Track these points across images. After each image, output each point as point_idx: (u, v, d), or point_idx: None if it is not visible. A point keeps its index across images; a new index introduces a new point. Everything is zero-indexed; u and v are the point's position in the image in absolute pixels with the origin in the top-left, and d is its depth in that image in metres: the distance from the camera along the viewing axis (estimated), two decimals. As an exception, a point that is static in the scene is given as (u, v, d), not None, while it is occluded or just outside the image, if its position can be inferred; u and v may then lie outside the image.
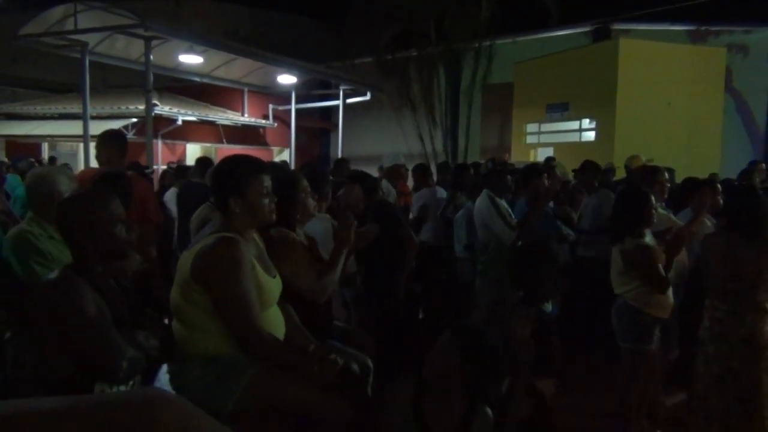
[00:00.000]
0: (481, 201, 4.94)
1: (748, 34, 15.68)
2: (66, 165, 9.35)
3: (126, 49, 11.89)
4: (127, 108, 14.36)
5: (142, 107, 12.09)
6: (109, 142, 4.43)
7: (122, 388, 2.19)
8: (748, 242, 3.50)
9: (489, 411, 2.43)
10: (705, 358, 3.64)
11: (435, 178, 7.99)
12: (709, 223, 4.72)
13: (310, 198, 3.20)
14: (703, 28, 15.73)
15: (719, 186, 5.16)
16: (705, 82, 13.09)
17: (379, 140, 18.71)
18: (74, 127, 12.83)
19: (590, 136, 13.76)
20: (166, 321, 2.88)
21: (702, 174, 7.72)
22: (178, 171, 8.85)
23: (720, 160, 12.75)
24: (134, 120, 14.31)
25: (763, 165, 8.33)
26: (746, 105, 15.89)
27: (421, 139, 17.54)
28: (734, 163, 10.44)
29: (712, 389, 3.59)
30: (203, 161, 6.97)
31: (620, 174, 8.31)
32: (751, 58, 15.44)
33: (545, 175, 5.37)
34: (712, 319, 3.62)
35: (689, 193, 5.05)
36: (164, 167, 12.42)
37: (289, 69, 14.67)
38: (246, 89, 17.93)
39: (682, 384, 4.22)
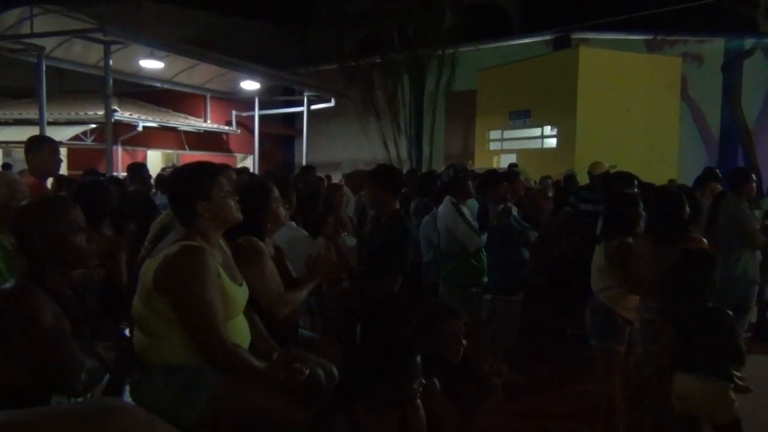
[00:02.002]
0: (445, 207, 4.95)
1: (701, 44, 16.15)
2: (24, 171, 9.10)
3: (84, 53, 11.67)
4: (86, 114, 14.05)
5: (101, 113, 11.88)
6: (38, 147, 4.21)
7: (80, 400, 2.13)
8: (671, 245, 3.60)
9: (420, 406, 2.47)
10: (636, 359, 3.71)
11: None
12: None
13: (282, 207, 3.17)
14: (659, 37, 16.14)
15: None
16: (662, 90, 13.44)
17: (344, 147, 18.71)
18: (30, 133, 12.45)
19: (552, 142, 13.99)
20: (127, 332, 2.82)
21: (660, 180, 7.90)
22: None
23: (677, 166, 13.08)
24: (93, 126, 14.02)
25: (718, 171, 8.58)
26: (701, 113, 16.35)
27: (386, 146, 17.59)
28: (690, 168, 10.74)
29: (644, 389, 3.66)
30: (134, 168, 6.85)
31: (582, 180, 8.44)
32: (705, 67, 15.90)
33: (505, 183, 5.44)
34: (643, 321, 3.69)
35: (646, 197, 5.20)
36: (124, 174, 12.19)
37: (252, 75, 14.58)
38: (208, 95, 17.75)
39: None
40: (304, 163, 14.48)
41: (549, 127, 14.05)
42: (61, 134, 13.38)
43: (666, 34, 16.12)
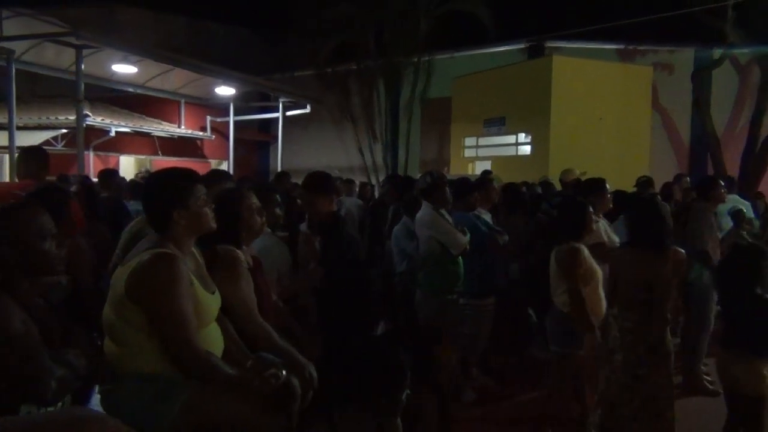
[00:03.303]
0: (425, 213, 4.95)
1: (672, 53, 16.46)
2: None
3: (56, 57, 11.52)
4: (57, 118, 13.84)
5: (72, 117, 11.71)
6: (31, 159, 4.39)
7: (50, 409, 2.09)
8: (655, 255, 3.66)
9: (399, 423, 2.46)
10: (612, 367, 3.77)
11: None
12: (602, 225, 4.88)
13: (257, 215, 3.13)
14: (630, 47, 16.41)
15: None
16: (633, 99, 13.63)
17: (320, 153, 18.68)
18: (-1, 138, 12.30)
19: (526, 150, 14.10)
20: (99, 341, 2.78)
21: (632, 187, 8.03)
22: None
23: (648, 173, 13.24)
24: (64, 131, 13.81)
25: (688, 179, 8.75)
26: (671, 121, 16.64)
27: (362, 153, 17.60)
28: (661, 177, 10.90)
29: (620, 396, 3.72)
30: (106, 173, 6.78)
31: (556, 187, 8.53)
32: (675, 76, 16.19)
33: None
34: (622, 329, 3.75)
35: (619, 204, 5.28)
36: (96, 179, 12.01)
37: (227, 80, 14.50)
38: (183, 100, 17.60)
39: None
40: (279, 169, 14.42)
41: (523, 134, 14.16)
42: (31, 139, 13.14)
43: (637, 44, 16.40)
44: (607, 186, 5.10)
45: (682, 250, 3.78)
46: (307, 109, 17.06)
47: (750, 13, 13.71)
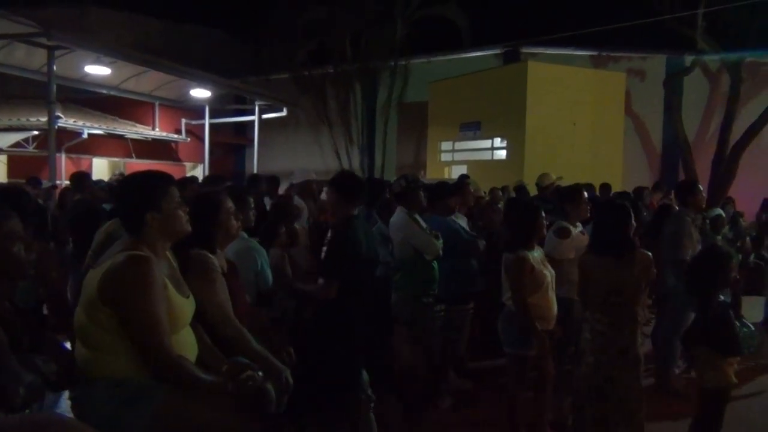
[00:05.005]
0: (399, 218, 4.94)
1: (644, 60, 16.73)
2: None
3: (27, 58, 11.35)
4: (28, 120, 13.61)
5: (44, 119, 11.53)
6: None
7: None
8: (622, 259, 3.71)
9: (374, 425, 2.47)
10: (586, 369, 3.82)
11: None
12: (579, 230, 4.92)
13: (234, 219, 3.10)
14: (604, 53, 16.65)
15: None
16: (607, 104, 13.84)
17: (296, 156, 18.62)
18: (-32, 140, 12.07)
19: (501, 154, 14.22)
20: (68, 345, 2.73)
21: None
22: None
23: (621, 178, 13.45)
24: (35, 132, 13.58)
25: (662, 195, 8.85)
26: (644, 126, 16.91)
27: (338, 156, 17.58)
28: (634, 181, 11.07)
29: (594, 398, 3.76)
30: (79, 176, 6.72)
31: (531, 191, 8.58)
32: (647, 82, 16.45)
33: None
34: (594, 332, 3.79)
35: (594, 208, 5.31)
36: (67, 182, 11.83)
37: (203, 83, 14.42)
38: (157, 102, 17.42)
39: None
40: (255, 171, 14.34)
41: (499, 139, 14.28)
42: (0, 141, 12.94)
43: (611, 51, 16.64)
44: (585, 194, 5.09)
45: (649, 253, 3.83)
46: (284, 113, 17.00)
47: (719, 21, 13.98)
